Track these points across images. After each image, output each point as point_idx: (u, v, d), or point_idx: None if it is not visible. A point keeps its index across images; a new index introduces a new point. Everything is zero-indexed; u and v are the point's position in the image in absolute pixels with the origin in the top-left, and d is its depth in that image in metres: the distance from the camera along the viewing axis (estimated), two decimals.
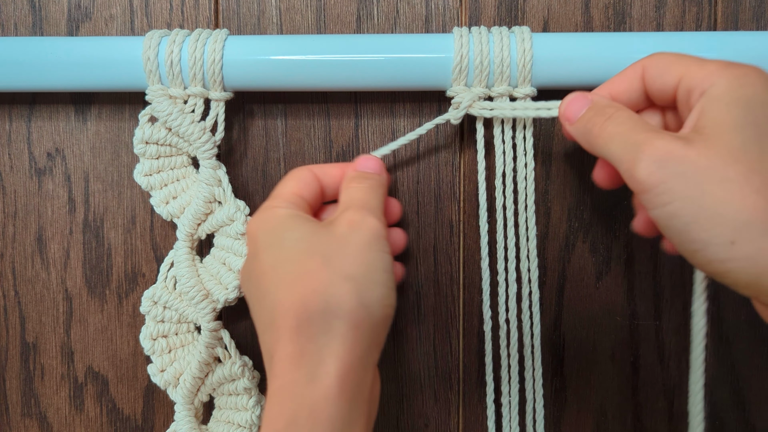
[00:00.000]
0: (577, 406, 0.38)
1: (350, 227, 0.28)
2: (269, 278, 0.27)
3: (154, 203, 0.35)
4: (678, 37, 0.33)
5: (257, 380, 0.35)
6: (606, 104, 0.29)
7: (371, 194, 0.31)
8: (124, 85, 0.34)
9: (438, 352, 0.38)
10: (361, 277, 0.27)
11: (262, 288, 0.28)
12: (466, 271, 0.37)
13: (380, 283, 0.27)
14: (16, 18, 0.37)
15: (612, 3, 0.36)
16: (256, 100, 0.37)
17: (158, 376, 0.35)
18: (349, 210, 0.29)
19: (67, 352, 0.38)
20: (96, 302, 0.38)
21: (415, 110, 0.37)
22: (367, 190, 0.31)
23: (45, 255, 0.38)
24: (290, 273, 0.27)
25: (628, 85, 0.29)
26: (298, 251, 0.28)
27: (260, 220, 0.30)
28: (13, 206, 0.38)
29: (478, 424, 0.38)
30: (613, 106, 0.28)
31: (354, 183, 0.32)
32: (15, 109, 0.38)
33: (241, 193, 0.37)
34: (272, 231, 0.29)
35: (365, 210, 0.29)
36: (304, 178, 0.32)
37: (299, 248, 0.28)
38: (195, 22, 0.37)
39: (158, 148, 0.35)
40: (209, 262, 0.35)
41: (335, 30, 0.37)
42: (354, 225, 0.28)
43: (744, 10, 0.36)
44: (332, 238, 0.28)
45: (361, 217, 0.29)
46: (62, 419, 0.39)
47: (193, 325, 0.36)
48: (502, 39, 0.33)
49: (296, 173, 0.32)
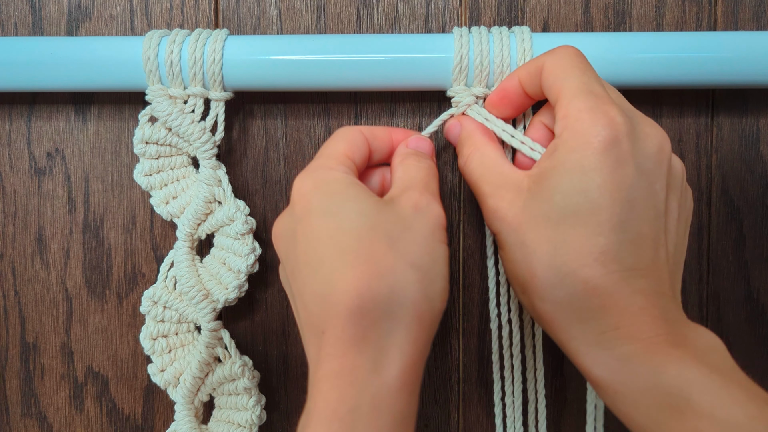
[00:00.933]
0: (577, 406, 0.38)
1: (415, 211, 0.27)
2: (326, 247, 0.25)
3: (154, 203, 0.35)
4: (678, 37, 0.33)
5: (257, 380, 0.35)
6: (465, 140, 0.31)
7: (431, 177, 0.30)
8: (124, 85, 0.34)
9: (438, 352, 0.38)
10: (427, 267, 0.26)
11: (316, 254, 0.26)
12: (466, 271, 0.37)
13: (442, 276, 0.27)
14: (16, 18, 0.37)
15: (612, 3, 0.36)
16: (256, 100, 0.37)
17: (158, 376, 0.35)
18: (411, 191, 0.28)
19: (67, 352, 0.38)
20: (96, 302, 0.38)
21: (415, 110, 0.37)
22: (427, 171, 0.30)
23: (45, 255, 0.38)
24: (353, 250, 0.25)
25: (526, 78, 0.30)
26: (362, 227, 0.26)
27: (316, 181, 0.27)
28: (13, 206, 0.38)
29: (478, 424, 0.38)
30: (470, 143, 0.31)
31: (412, 160, 0.30)
32: (15, 109, 0.38)
33: (241, 193, 0.37)
34: (331, 196, 0.27)
35: (429, 194, 0.28)
36: (356, 139, 0.30)
37: (363, 224, 0.26)
38: (195, 22, 0.37)
39: (158, 148, 0.35)
40: (209, 262, 0.35)
41: (335, 30, 0.37)
42: (419, 209, 0.27)
43: (744, 10, 0.36)
44: (397, 219, 0.26)
45: (426, 201, 0.27)
46: (62, 419, 0.39)
47: (193, 325, 0.36)
48: (502, 39, 0.33)
49: (346, 133, 0.30)
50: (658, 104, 0.37)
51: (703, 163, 0.37)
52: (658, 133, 0.27)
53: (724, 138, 0.37)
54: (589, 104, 0.26)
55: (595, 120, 0.25)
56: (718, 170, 0.37)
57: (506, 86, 0.31)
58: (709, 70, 0.33)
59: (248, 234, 0.34)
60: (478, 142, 0.31)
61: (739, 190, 0.37)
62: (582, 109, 0.26)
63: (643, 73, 0.33)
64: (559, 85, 0.27)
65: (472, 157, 0.30)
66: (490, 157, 0.30)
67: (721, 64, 0.33)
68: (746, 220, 0.37)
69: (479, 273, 0.37)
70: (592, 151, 0.25)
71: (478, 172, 0.30)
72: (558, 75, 0.27)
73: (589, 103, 0.26)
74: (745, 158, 0.37)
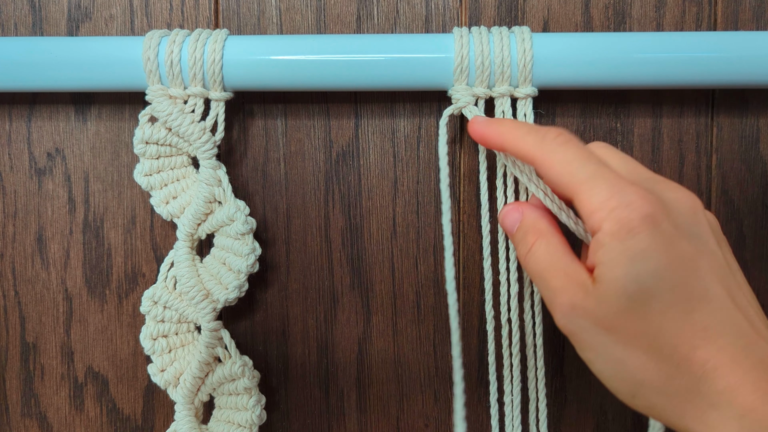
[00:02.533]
0: (577, 406, 0.38)
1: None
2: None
3: (154, 203, 0.35)
4: (678, 37, 0.33)
5: (257, 380, 0.35)
6: (528, 228, 0.29)
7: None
8: (124, 85, 0.34)
9: (438, 352, 0.38)
10: None
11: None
12: (466, 271, 0.37)
13: None
14: (16, 18, 0.37)
15: (612, 3, 0.36)
16: (256, 100, 0.37)
17: (158, 376, 0.35)
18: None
19: (67, 352, 0.38)
20: (96, 302, 0.38)
21: (415, 110, 0.37)
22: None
23: (45, 255, 0.38)
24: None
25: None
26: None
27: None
28: (13, 206, 0.38)
29: (478, 424, 0.38)
30: (535, 231, 0.28)
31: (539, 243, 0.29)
32: (15, 109, 0.38)
33: (241, 193, 0.37)
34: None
35: None
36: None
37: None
38: (195, 22, 0.37)
39: (158, 148, 0.35)
40: (209, 262, 0.35)
41: (335, 30, 0.37)
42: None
43: (744, 10, 0.36)
44: None
45: None
46: (62, 419, 0.39)
47: (193, 325, 0.36)
48: (502, 39, 0.33)
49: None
50: (658, 104, 0.37)
51: (703, 163, 0.37)
52: (685, 193, 0.26)
53: (724, 138, 0.37)
54: (610, 191, 0.25)
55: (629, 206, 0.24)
56: (718, 170, 0.37)
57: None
58: (709, 70, 0.33)
59: (248, 234, 0.34)
60: (545, 230, 0.28)
61: (739, 190, 0.37)
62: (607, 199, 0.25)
63: (643, 73, 0.33)
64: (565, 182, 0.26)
65: (538, 244, 0.28)
66: (558, 247, 0.27)
67: (721, 64, 0.33)
68: (746, 220, 0.37)
69: (479, 273, 0.37)
70: (644, 236, 0.24)
71: (546, 262, 0.27)
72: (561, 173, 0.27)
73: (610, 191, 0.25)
74: (745, 158, 0.37)
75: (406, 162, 0.37)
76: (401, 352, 0.38)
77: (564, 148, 0.27)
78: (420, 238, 0.37)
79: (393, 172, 0.37)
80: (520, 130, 0.29)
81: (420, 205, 0.37)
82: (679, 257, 0.24)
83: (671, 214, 0.25)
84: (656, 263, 0.24)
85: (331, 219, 0.37)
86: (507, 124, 0.30)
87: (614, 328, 0.25)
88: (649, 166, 0.37)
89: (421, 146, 0.37)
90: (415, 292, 0.37)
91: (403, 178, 0.37)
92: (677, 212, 0.25)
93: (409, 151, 0.37)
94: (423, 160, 0.37)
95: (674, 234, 0.25)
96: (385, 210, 0.37)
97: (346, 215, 0.37)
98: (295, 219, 0.37)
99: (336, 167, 0.37)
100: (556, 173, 0.27)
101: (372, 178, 0.37)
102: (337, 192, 0.37)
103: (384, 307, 0.38)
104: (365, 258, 0.37)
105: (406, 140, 0.37)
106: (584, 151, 0.27)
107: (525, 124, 0.30)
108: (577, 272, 0.26)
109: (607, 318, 0.25)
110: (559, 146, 0.27)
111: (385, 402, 0.38)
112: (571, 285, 0.26)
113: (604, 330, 0.25)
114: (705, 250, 0.25)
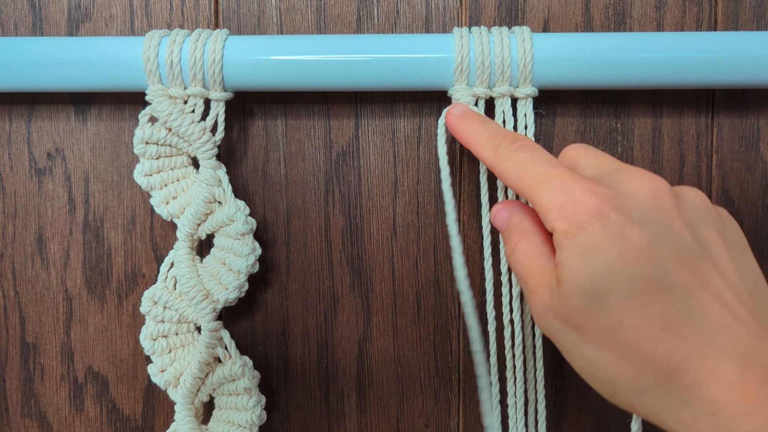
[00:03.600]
0: (577, 406, 0.38)
1: None
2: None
3: (154, 203, 0.35)
4: (678, 37, 0.33)
5: (257, 380, 0.35)
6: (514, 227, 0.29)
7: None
8: (124, 85, 0.34)
9: (438, 352, 0.38)
10: None
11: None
12: (466, 271, 0.37)
13: None
14: (16, 18, 0.37)
15: (612, 3, 0.36)
16: (256, 100, 0.37)
17: (158, 376, 0.35)
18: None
19: (67, 352, 0.38)
20: (96, 302, 0.38)
21: (415, 110, 0.37)
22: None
23: (45, 255, 0.38)
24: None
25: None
26: None
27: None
28: (13, 206, 0.38)
29: (478, 424, 0.38)
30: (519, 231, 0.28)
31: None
32: (15, 109, 0.38)
33: (241, 193, 0.37)
34: None
35: None
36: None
37: None
38: (195, 22, 0.37)
39: (158, 148, 0.34)
40: (209, 262, 0.35)
41: (335, 30, 0.37)
42: None
43: (744, 10, 0.36)
44: None
45: None
46: (62, 419, 0.39)
47: (193, 325, 0.36)
48: (502, 39, 0.33)
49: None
50: (658, 104, 0.37)
51: (703, 163, 0.37)
52: (644, 178, 0.25)
53: (724, 138, 0.37)
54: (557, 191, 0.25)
55: (575, 202, 0.24)
56: (718, 170, 0.37)
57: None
58: (709, 70, 0.33)
59: (248, 234, 0.34)
60: (527, 229, 0.28)
61: (739, 190, 0.37)
62: (554, 199, 0.25)
63: (643, 73, 0.33)
64: (518, 188, 0.27)
65: (520, 244, 0.28)
66: (537, 246, 0.27)
67: (721, 64, 0.33)
68: (746, 221, 0.37)
69: (479, 273, 0.37)
70: (592, 230, 0.24)
71: (525, 261, 0.27)
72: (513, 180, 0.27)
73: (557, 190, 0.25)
74: (745, 158, 0.37)
75: (406, 162, 0.37)
76: (401, 353, 0.38)
77: (515, 155, 0.27)
78: (420, 238, 0.37)
79: (393, 172, 0.37)
80: (481, 135, 0.29)
81: (420, 205, 0.37)
82: (632, 246, 0.23)
83: (624, 202, 0.24)
84: (607, 256, 0.23)
85: (331, 219, 0.37)
86: (473, 124, 0.30)
87: (580, 327, 0.24)
88: (649, 167, 0.37)
89: (421, 146, 0.37)
90: (415, 293, 0.37)
91: (403, 178, 0.37)
92: (632, 199, 0.24)
93: (409, 151, 0.37)
94: (423, 160, 0.37)
95: (625, 223, 0.24)
96: (385, 210, 0.37)
97: (346, 215, 0.37)
98: (295, 219, 0.37)
99: (336, 167, 0.37)
100: (509, 180, 0.27)
101: (372, 178, 0.37)
102: (337, 192, 0.37)
103: (384, 308, 0.38)
104: (365, 258, 0.37)
105: (406, 140, 0.37)
106: (535, 154, 0.27)
107: (489, 128, 0.30)
108: (548, 272, 0.26)
109: (571, 317, 0.24)
110: (510, 153, 0.27)
111: (385, 402, 0.38)
112: (542, 286, 0.26)
113: (572, 330, 0.25)
114: (665, 234, 0.24)
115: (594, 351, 0.24)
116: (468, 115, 0.31)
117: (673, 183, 0.37)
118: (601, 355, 0.24)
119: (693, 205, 0.26)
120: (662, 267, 0.23)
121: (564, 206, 0.24)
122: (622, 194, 0.25)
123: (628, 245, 0.23)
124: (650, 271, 0.23)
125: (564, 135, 0.37)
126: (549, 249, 0.27)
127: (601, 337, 0.24)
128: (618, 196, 0.24)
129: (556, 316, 0.25)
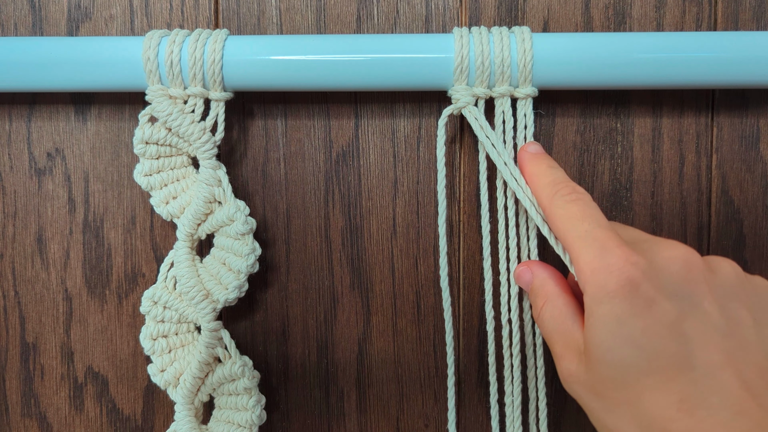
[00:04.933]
0: (578, 406, 0.38)
1: None
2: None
3: (154, 203, 0.35)
4: (678, 37, 0.33)
5: (257, 380, 0.35)
6: (538, 291, 0.29)
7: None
8: (124, 85, 0.34)
9: (438, 352, 0.38)
10: None
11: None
12: (466, 271, 0.37)
13: None
14: (16, 18, 0.37)
15: (612, 3, 0.36)
16: (256, 100, 0.37)
17: (158, 376, 0.35)
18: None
19: (67, 352, 0.38)
20: (96, 302, 0.38)
21: (415, 110, 0.37)
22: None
23: (45, 255, 0.38)
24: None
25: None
26: None
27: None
28: (13, 206, 0.38)
29: (478, 424, 0.38)
30: (543, 294, 0.29)
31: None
32: (15, 109, 0.38)
33: (241, 193, 0.37)
34: None
35: None
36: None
37: None
38: (195, 22, 0.37)
39: (158, 148, 0.34)
40: (209, 262, 0.35)
41: (335, 30, 0.37)
42: None
43: (744, 10, 0.36)
44: None
45: None
46: (62, 419, 0.39)
47: (193, 325, 0.36)
48: (502, 39, 0.33)
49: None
50: (658, 104, 0.37)
51: (703, 163, 0.37)
52: (679, 251, 0.25)
53: (724, 138, 0.37)
54: (595, 253, 0.25)
55: (608, 268, 0.24)
56: (718, 170, 0.37)
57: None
58: (709, 70, 0.33)
59: (248, 234, 0.34)
60: (551, 292, 0.29)
61: (739, 190, 0.37)
62: (590, 261, 0.25)
63: (643, 73, 0.33)
64: (562, 238, 0.27)
65: (545, 309, 0.28)
66: (561, 311, 0.28)
67: (721, 64, 0.33)
68: (746, 221, 0.37)
69: (479, 273, 0.37)
70: (619, 300, 0.23)
71: (550, 327, 0.28)
72: (559, 229, 0.27)
73: (595, 252, 0.25)
74: (745, 158, 0.37)
75: (406, 162, 0.37)
76: (401, 353, 0.38)
77: (568, 206, 0.28)
78: (420, 238, 0.37)
79: (393, 172, 0.37)
80: (545, 179, 0.30)
81: (420, 205, 0.37)
82: (658, 321, 0.23)
83: (658, 275, 0.24)
84: (631, 329, 0.23)
85: (331, 219, 0.37)
86: (541, 167, 0.31)
87: (603, 396, 0.24)
88: (649, 166, 0.37)
89: (421, 146, 0.37)
90: (415, 292, 0.37)
91: (403, 178, 0.37)
92: (666, 272, 0.24)
93: (409, 151, 0.37)
94: (423, 160, 0.37)
95: (655, 296, 0.23)
96: (385, 210, 0.37)
97: (346, 215, 0.37)
98: (295, 219, 0.37)
99: (336, 167, 0.37)
100: (556, 228, 0.28)
101: (372, 178, 0.37)
102: (337, 192, 0.37)
103: (384, 308, 0.38)
104: (365, 258, 0.37)
105: (406, 140, 0.37)
106: (587, 210, 0.27)
107: (553, 173, 0.30)
108: (574, 338, 0.26)
109: (595, 386, 0.24)
110: (565, 203, 0.28)
111: (385, 402, 0.38)
112: (569, 351, 0.26)
113: (595, 396, 0.25)
114: (693, 311, 0.24)
115: (613, 420, 0.24)
116: (539, 157, 0.32)
117: (673, 183, 0.37)
118: (619, 425, 0.24)
119: (725, 280, 0.25)
120: (686, 345, 0.23)
121: (597, 270, 0.24)
122: (657, 266, 0.24)
123: (654, 319, 0.23)
124: (673, 348, 0.23)
125: (564, 135, 0.37)
126: (574, 311, 0.27)
127: (622, 408, 0.24)
128: (652, 267, 0.24)
129: (579, 383, 0.25)
